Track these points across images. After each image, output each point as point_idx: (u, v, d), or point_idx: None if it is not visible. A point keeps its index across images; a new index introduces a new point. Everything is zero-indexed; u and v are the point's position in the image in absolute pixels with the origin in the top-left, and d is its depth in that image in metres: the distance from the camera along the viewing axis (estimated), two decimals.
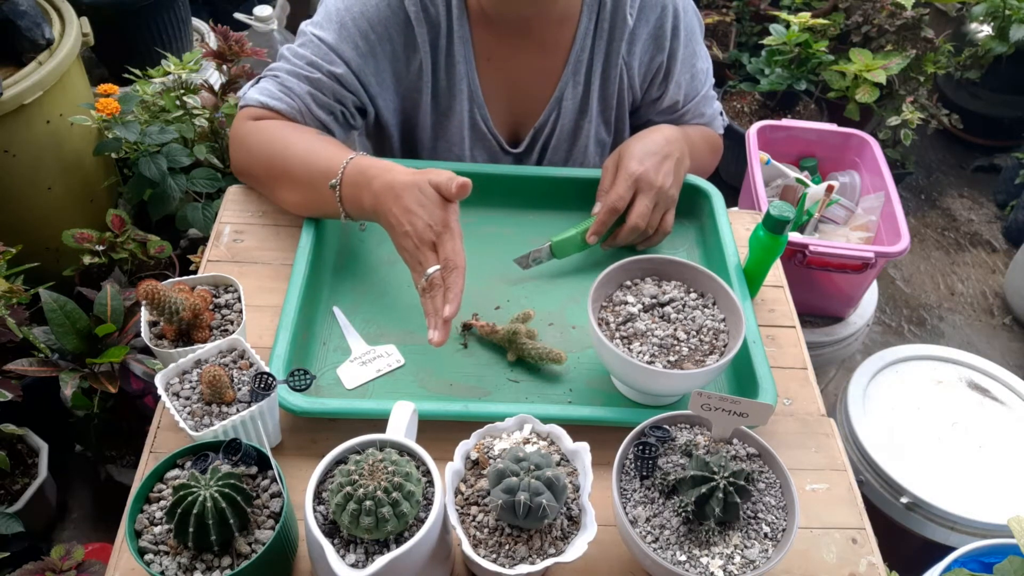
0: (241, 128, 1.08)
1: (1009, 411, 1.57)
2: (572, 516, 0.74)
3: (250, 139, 1.07)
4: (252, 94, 1.09)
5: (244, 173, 1.12)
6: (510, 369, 0.97)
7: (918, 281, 2.52)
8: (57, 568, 1.30)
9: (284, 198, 1.07)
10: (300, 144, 1.03)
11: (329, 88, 1.07)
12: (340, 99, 1.09)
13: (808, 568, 0.83)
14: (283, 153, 1.03)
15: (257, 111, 1.07)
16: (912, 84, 2.32)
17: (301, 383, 0.80)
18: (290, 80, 1.07)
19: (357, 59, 1.07)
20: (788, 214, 0.96)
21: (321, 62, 1.06)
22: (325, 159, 1.00)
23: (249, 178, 1.12)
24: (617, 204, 1.04)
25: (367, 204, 0.95)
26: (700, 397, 0.76)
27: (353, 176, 0.97)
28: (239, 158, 1.10)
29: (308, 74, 1.06)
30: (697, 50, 1.21)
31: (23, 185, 1.66)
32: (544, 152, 1.23)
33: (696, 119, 1.25)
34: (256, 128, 1.06)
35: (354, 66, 1.07)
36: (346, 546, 0.68)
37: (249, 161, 1.08)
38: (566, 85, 1.17)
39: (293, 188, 1.04)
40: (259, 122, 1.07)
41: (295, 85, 1.06)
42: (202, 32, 2.32)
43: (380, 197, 0.93)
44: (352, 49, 1.06)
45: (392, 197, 0.92)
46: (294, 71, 1.07)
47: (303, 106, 1.07)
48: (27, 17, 1.58)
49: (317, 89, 1.07)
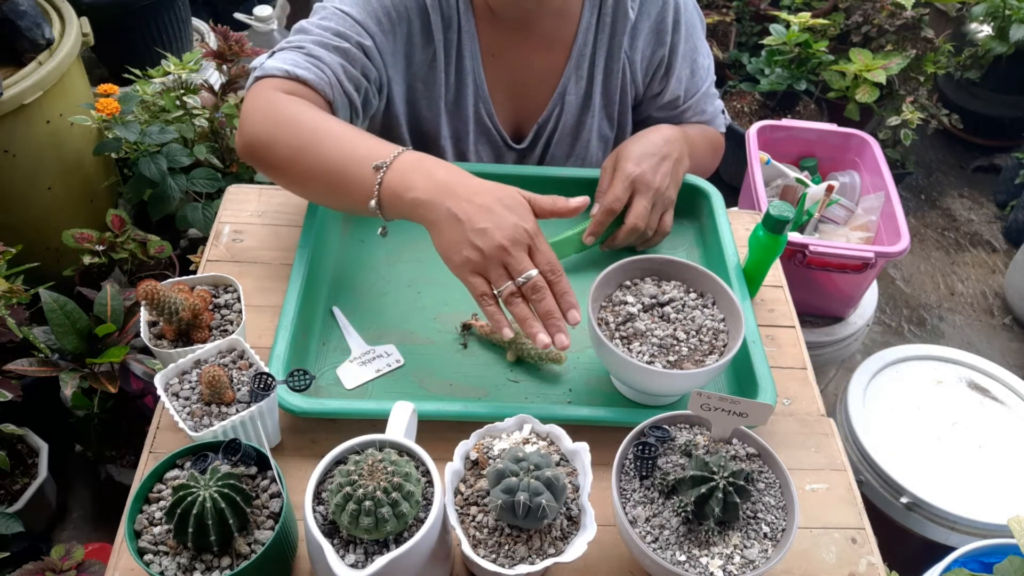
0: (262, 96, 0.96)
1: (1009, 411, 1.57)
2: (572, 516, 0.74)
3: (273, 106, 0.94)
4: (273, 64, 0.98)
5: (259, 146, 0.95)
6: (510, 369, 0.97)
7: (918, 281, 2.52)
8: (57, 568, 1.30)
9: (301, 177, 0.95)
10: (336, 124, 0.94)
11: (359, 60, 1.01)
12: (367, 73, 1.02)
13: (808, 568, 0.83)
14: (316, 125, 0.92)
15: (281, 82, 0.96)
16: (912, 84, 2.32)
17: (300, 383, 0.80)
18: (318, 50, 0.99)
19: (380, 34, 1.03)
20: (788, 214, 0.96)
21: (350, 33, 1.00)
22: (368, 142, 0.91)
23: (265, 152, 0.95)
24: (614, 205, 1.04)
25: (420, 192, 0.85)
26: (700, 397, 0.76)
27: (410, 162, 0.88)
28: (256, 129, 0.95)
29: (338, 44, 0.99)
30: (698, 46, 1.21)
31: (23, 185, 1.66)
32: (547, 148, 1.23)
33: (697, 116, 1.25)
34: (283, 99, 0.95)
35: (378, 41, 1.03)
36: (345, 546, 0.68)
37: (267, 132, 0.94)
38: (569, 80, 1.17)
39: (318, 168, 0.92)
40: (289, 95, 0.95)
41: (325, 55, 0.98)
42: (202, 32, 2.33)
43: (449, 186, 0.85)
44: (375, 24, 1.02)
45: (465, 190, 0.84)
46: (321, 42, 0.99)
47: (333, 78, 0.98)
48: (27, 17, 1.58)
49: (348, 60, 1.00)
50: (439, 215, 0.84)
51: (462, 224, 0.83)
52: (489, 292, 0.84)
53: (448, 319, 1.01)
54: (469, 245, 0.83)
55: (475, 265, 0.83)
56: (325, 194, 0.96)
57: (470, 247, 0.83)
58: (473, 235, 0.83)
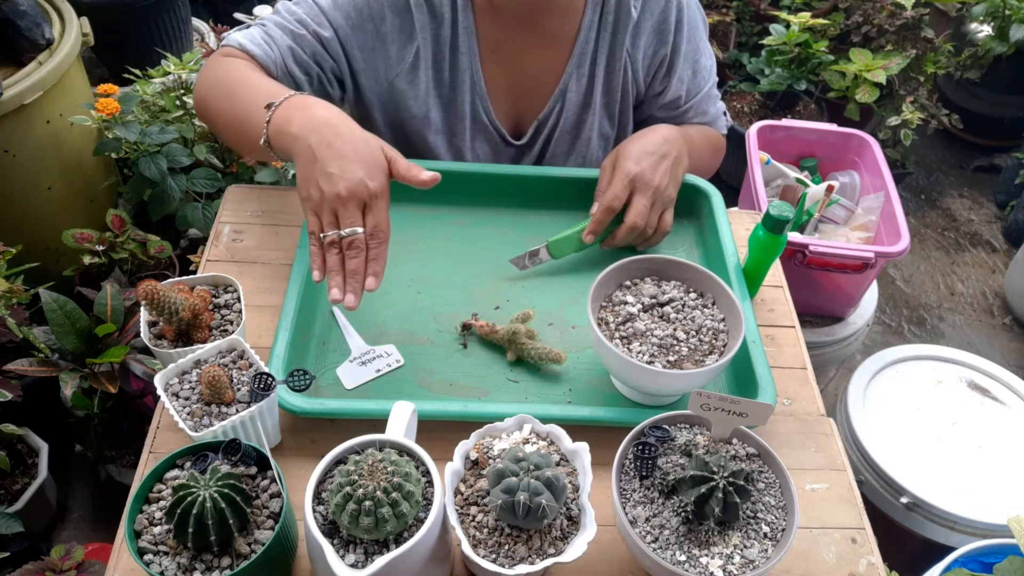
0: (212, 60, 1.08)
1: (1009, 411, 1.57)
2: (572, 516, 0.74)
3: (214, 67, 1.06)
4: (235, 36, 1.08)
5: (198, 100, 1.09)
6: (510, 369, 0.97)
7: (918, 281, 2.52)
8: (57, 568, 1.30)
9: (220, 124, 1.05)
10: (256, 76, 1.02)
11: (311, 47, 1.07)
12: (319, 61, 1.08)
13: (808, 568, 0.83)
14: (237, 80, 1.02)
15: (233, 51, 1.07)
16: (912, 84, 2.32)
17: (300, 383, 0.80)
18: (275, 30, 1.07)
19: (346, 28, 1.08)
20: (788, 214, 0.96)
21: (310, 21, 1.07)
22: (272, 89, 0.98)
23: (200, 107, 1.09)
24: (613, 203, 1.04)
25: (294, 127, 0.90)
26: (699, 397, 0.76)
27: (296, 102, 0.93)
28: (199, 85, 1.08)
29: (294, 29, 1.07)
30: (700, 46, 1.21)
31: (23, 185, 1.66)
32: (547, 145, 1.23)
33: (699, 117, 1.25)
34: (225, 59, 1.05)
35: (341, 34, 1.08)
36: (345, 546, 0.68)
37: (204, 86, 1.07)
38: (570, 78, 1.17)
39: (230, 113, 1.01)
40: (229, 58, 1.06)
41: (278, 36, 1.07)
42: (202, 32, 2.33)
43: (315, 125, 0.89)
44: (343, 17, 1.07)
45: (331, 132, 0.88)
46: (281, 24, 1.08)
47: (280, 58, 1.06)
48: (27, 17, 1.58)
49: (299, 45, 1.07)
50: (301, 148, 0.89)
51: (316, 163, 0.87)
52: (317, 232, 0.88)
53: (448, 319, 1.01)
54: (314, 184, 0.87)
55: (313, 204, 0.88)
56: (237, 139, 1.03)
57: (315, 186, 0.87)
58: (320, 176, 0.86)
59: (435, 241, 1.11)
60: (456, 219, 1.14)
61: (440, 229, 1.13)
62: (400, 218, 1.13)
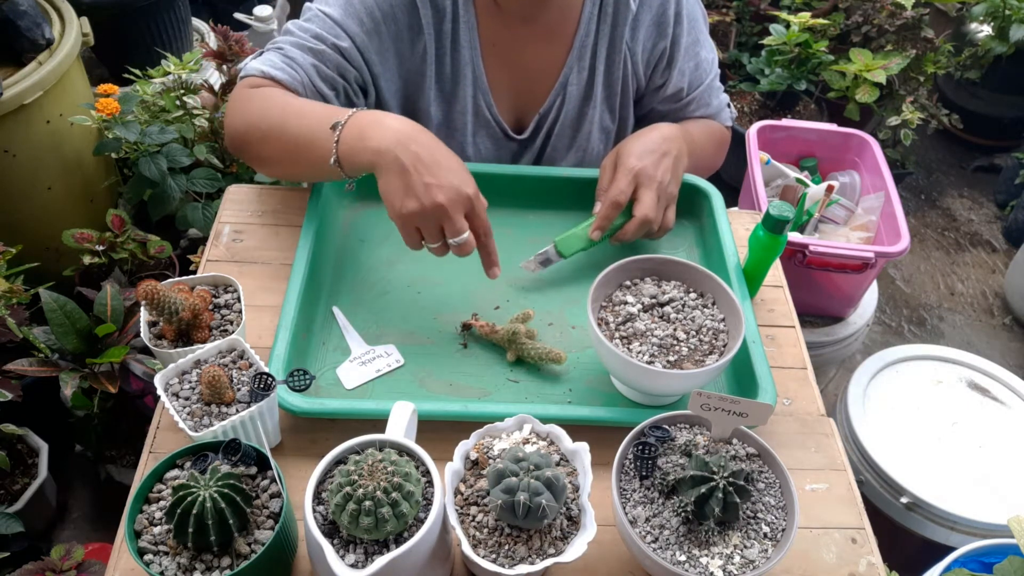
0: (239, 94, 1.05)
1: (1009, 411, 1.57)
2: (572, 516, 0.74)
3: (248, 102, 1.03)
4: (254, 64, 1.06)
5: (236, 136, 1.05)
6: (510, 369, 0.97)
7: (918, 281, 2.52)
8: (57, 568, 1.30)
9: (271, 155, 1.02)
10: (298, 101, 1.01)
11: (333, 61, 1.05)
12: (343, 73, 1.07)
13: (808, 568, 0.83)
14: (281, 107, 0.99)
15: (258, 80, 1.04)
16: (912, 84, 2.32)
17: (300, 383, 0.80)
18: (293, 51, 1.05)
19: (361, 35, 1.06)
20: (788, 214, 0.96)
21: (326, 35, 1.04)
22: (327, 110, 0.97)
23: (241, 142, 1.05)
24: (619, 198, 1.04)
25: (374, 141, 0.89)
26: (700, 397, 0.76)
27: (365, 118, 0.92)
28: (234, 122, 1.05)
29: (312, 46, 1.04)
30: (700, 39, 1.21)
31: (23, 185, 1.66)
32: (548, 139, 1.23)
33: (702, 109, 1.25)
34: (256, 91, 1.03)
35: (358, 42, 1.06)
36: (346, 546, 0.68)
37: (243, 121, 1.03)
38: (570, 71, 1.17)
39: (282, 141, 0.99)
40: (259, 88, 1.03)
41: (299, 56, 1.04)
42: (202, 32, 2.33)
43: (399, 137, 0.88)
44: (357, 25, 1.06)
45: (416, 144, 0.88)
46: (298, 43, 1.05)
47: (306, 78, 1.04)
48: (27, 17, 1.58)
49: (321, 61, 1.05)
50: (389, 162, 0.88)
51: (408, 175, 0.86)
52: (419, 245, 0.90)
53: (448, 319, 1.01)
54: (413, 196, 0.87)
55: (413, 218, 0.88)
56: (296, 165, 1.02)
57: (412, 199, 0.87)
58: (418, 188, 0.86)
59: None
60: None
61: None
62: None
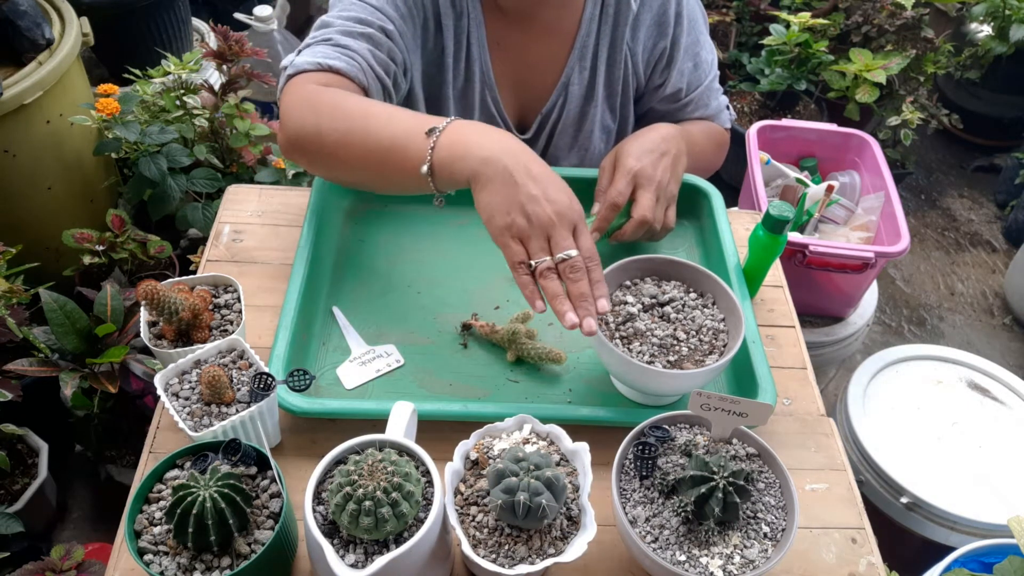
0: (302, 92, 0.96)
1: (1009, 411, 1.57)
2: (572, 516, 0.74)
3: (317, 100, 0.94)
4: (303, 59, 0.99)
5: (306, 138, 0.96)
6: (510, 369, 0.97)
7: (918, 281, 2.52)
8: (57, 568, 1.30)
9: (349, 160, 0.94)
10: (381, 104, 0.96)
11: (384, 44, 1.02)
12: (393, 57, 1.03)
13: (808, 568, 0.83)
14: (364, 108, 0.93)
15: (315, 75, 0.97)
16: (912, 84, 2.33)
17: (300, 383, 0.80)
18: (344, 39, 1.00)
19: (399, 19, 1.04)
20: (788, 214, 0.96)
21: (371, 19, 1.02)
22: (416, 116, 0.92)
23: (312, 145, 0.96)
24: (617, 200, 1.04)
25: (480, 150, 0.84)
26: (700, 397, 0.76)
27: (466, 126, 0.88)
28: (302, 122, 0.95)
29: (362, 31, 1.01)
30: (700, 39, 1.21)
31: (23, 185, 1.66)
32: (551, 138, 1.23)
33: (700, 111, 1.25)
34: (325, 90, 0.95)
35: (398, 25, 1.04)
36: (345, 546, 0.68)
37: (315, 122, 0.94)
38: (572, 71, 1.17)
39: (366, 145, 0.92)
40: (328, 88, 0.96)
41: (351, 43, 1.00)
42: (202, 32, 2.33)
43: (506, 148, 0.84)
44: (393, 9, 1.04)
45: (525, 155, 0.84)
46: (346, 30, 1.01)
47: (365, 64, 0.99)
48: (27, 17, 1.58)
49: (374, 45, 1.01)
50: (495, 172, 0.83)
51: (516, 187, 0.82)
52: (525, 261, 0.83)
53: (448, 319, 1.01)
54: (519, 210, 0.82)
55: (519, 231, 0.82)
56: (377, 172, 0.94)
57: (519, 212, 0.82)
58: (525, 200, 0.81)
59: (435, 241, 1.11)
60: (457, 219, 1.14)
61: (440, 229, 1.13)
62: (400, 219, 1.13)
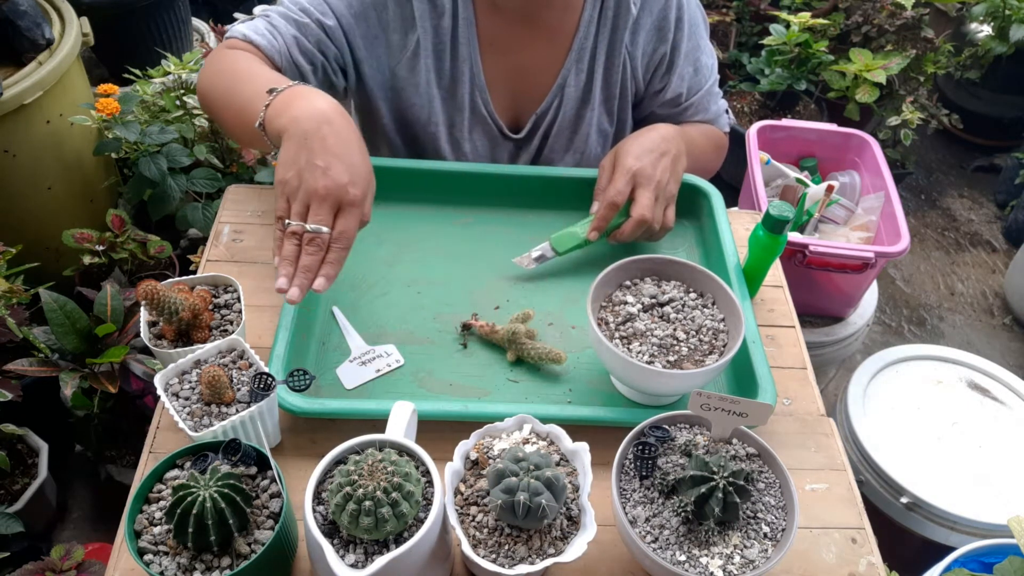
0: (215, 53, 1.08)
1: (1009, 411, 1.57)
2: (572, 516, 0.74)
3: (219, 61, 1.06)
4: (239, 28, 1.09)
5: (200, 93, 1.09)
6: (510, 369, 0.97)
7: (918, 281, 2.52)
8: (57, 568, 1.30)
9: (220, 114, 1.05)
10: (260, 67, 1.02)
11: (315, 36, 1.08)
12: (323, 50, 1.09)
13: (808, 568, 0.83)
14: (242, 70, 1.01)
15: (238, 43, 1.07)
16: (912, 84, 2.33)
17: (300, 383, 0.80)
18: (278, 20, 1.08)
19: (348, 17, 1.09)
20: (788, 214, 0.96)
21: (313, 10, 1.08)
22: (277, 78, 0.97)
23: (202, 99, 1.09)
24: (616, 199, 1.04)
25: (293, 111, 0.88)
26: (699, 397, 0.76)
27: (301, 91, 0.92)
28: (201, 78, 1.09)
29: (297, 18, 1.08)
30: (701, 44, 1.21)
31: (23, 185, 1.66)
32: (545, 140, 1.23)
33: (700, 115, 1.25)
34: (229, 52, 1.05)
35: (344, 23, 1.09)
36: (345, 546, 0.68)
37: (207, 79, 1.07)
38: (569, 72, 1.17)
39: (232, 101, 1.00)
40: (233, 50, 1.06)
41: (282, 25, 1.08)
42: (202, 32, 2.33)
43: (316, 114, 0.87)
44: (345, 6, 1.08)
45: (329, 127, 0.86)
46: (285, 13, 1.09)
47: (284, 47, 1.07)
48: (27, 17, 1.58)
49: (302, 34, 1.07)
50: (296, 132, 0.86)
51: (304, 151, 0.85)
52: (284, 217, 0.86)
53: (448, 319, 1.01)
54: (296, 172, 0.85)
55: (289, 190, 0.85)
56: (238, 126, 1.00)
57: (296, 173, 0.85)
58: (305, 165, 0.85)
59: (435, 241, 1.11)
60: (456, 219, 1.14)
61: (440, 229, 1.13)
62: (400, 218, 1.13)
